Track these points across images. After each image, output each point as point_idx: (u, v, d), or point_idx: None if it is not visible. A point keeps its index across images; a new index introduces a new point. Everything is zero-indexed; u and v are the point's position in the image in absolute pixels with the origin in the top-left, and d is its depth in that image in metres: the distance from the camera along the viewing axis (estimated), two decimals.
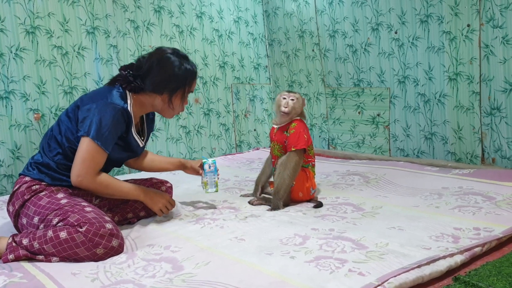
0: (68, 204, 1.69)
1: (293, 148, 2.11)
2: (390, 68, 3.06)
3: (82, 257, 1.58)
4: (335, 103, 3.48)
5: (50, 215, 1.66)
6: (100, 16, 2.99)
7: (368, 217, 1.92)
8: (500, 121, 2.56)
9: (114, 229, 1.63)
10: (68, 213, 1.63)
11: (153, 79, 1.84)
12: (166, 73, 1.84)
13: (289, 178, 2.09)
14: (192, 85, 1.92)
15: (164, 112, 1.92)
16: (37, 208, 1.71)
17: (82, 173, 1.73)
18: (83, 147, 1.73)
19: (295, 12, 3.65)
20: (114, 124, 1.75)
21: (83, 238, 1.57)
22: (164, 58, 1.85)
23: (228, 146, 3.70)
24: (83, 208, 1.66)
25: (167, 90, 1.85)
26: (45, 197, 1.74)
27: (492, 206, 1.94)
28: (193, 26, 3.47)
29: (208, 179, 2.08)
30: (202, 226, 1.90)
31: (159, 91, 1.86)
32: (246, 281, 1.37)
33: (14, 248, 1.62)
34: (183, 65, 1.87)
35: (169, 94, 1.86)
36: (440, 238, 1.62)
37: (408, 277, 1.32)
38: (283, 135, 2.18)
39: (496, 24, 2.50)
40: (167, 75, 1.84)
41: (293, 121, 2.18)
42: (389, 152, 3.16)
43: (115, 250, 1.62)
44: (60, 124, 1.84)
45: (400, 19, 2.94)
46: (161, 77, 1.84)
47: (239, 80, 3.76)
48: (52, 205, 1.70)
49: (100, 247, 1.58)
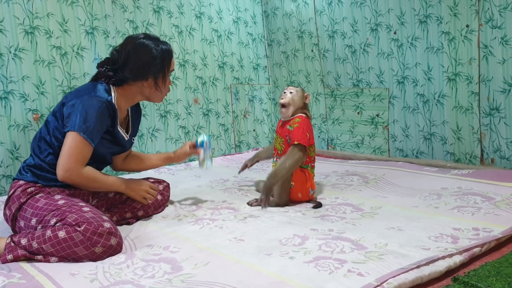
0: (65, 204, 1.69)
1: (296, 142, 2.09)
2: (389, 68, 3.06)
3: (80, 256, 1.58)
4: (334, 104, 3.48)
5: (48, 216, 1.66)
6: (99, 16, 2.99)
7: (367, 218, 1.92)
8: (499, 121, 2.56)
9: (112, 227, 1.63)
10: (66, 213, 1.63)
11: (133, 67, 1.85)
12: (146, 57, 1.85)
13: (289, 166, 2.06)
14: (171, 64, 1.94)
15: (153, 97, 1.94)
16: (34, 209, 1.71)
17: (69, 167, 1.72)
18: (69, 141, 1.73)
19: (294, 12, 3.65)
20: (99, 116, 1.76)
21: (82, 237, 1.57)
22: (139, 44, 1.86)
23: (227, 147, 3.70)
24: (81, 208, 1.66)
25: (150, 74, 1.86)
26: (42, 198, 1.74)
27: (491, 206, 1.94)
28: (192, 27, 3.47)
29: (205, 156, 2.12)
30: (201, 226, 1.90)
31: (143, 77, 1.87)
32: (245, 281, 1.37)
33: (13, 248, 1.62)
34: (159, 46, 1.88)
35: (153, 77, 1.88)
36: (439, 238, 1.62)
37: (407, 277, 1.32)
38: (286, 129, 2.18)
39: (495, 25, 2.50)
40: (147, 60, 1.85)
41: (297, 117, 2.18)
42: (388, 153, 3.16)
43: (114, 249, 1.62)
44: (47, 125, 1.84)
45: (399, 19, 2.94)
46: (141, 63, 1.84)
47: (238, 80, 3.76)
48: (49, 206, 1.69)
49: (98, 245, 1.58)
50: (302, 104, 2.22)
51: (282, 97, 2.20)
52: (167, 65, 1.91)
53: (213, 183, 2.69)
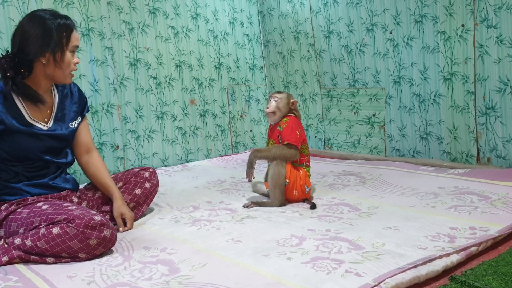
0: (50, 208, 1.67)
1: (286, 142, 2.13)
2: (385, 68, 3.06)
3: (76, 250, 1.56)
4: (330, 104, 3.49)
5: (36, 222, 1.63)
6: (94, 18, 2.98)
7: (364, 218, 1.92)
8: (495, 120, 2.57)
9: (104, 219, 1.61)
10: (53, 216, 1.61)
11: (31, 43, 1.71)
12: (40, 30, 1.71)
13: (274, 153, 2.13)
14: (72, 38, 1.77)
15: (57, 76, 1.79)
16: (19, 221, 1.68)
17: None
18: None
19: (290, 13, 3.65)
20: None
21: (75, 230, 1.55)
22: (33, 17, 1.74)
23: (224, 147, 3.69)
24: (67, 208, 1.65)
25: (47, 48, 1.72)
26: (24, 209, 1.71)
27: (488, 205, 1.94)
28: (188, 28, 3.46)
29: None
30: (199, 228, 1.90)
31: (41, 54, 1.72)
32: (243, 282, 1.37)
33: (7, 250, 1.61)
34: (56, 20, 1.74)
35: (51, 52, 1.73)
36: (436, 238, 1.63)
37: (405, 277, 1.32)
38: (277, 130, 2.22)
39: (490, 24, 2.51)
40: (41, 32, 1.71)
41: (285, 117, 2.23)
42: (384, 152, 3.17)
43: (108, 240, 1.61)
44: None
45: (395, 19, 2.95)
46: (37, 37, 1.70)
47: (234, 81, 3.75)
48: (34, 214, 1.67)
49: (92, 237, 1.57)
50: (288, 110, 2.25)
51: (267, 105, 2.25)
52: (66, 39, 1.75)
53: (210, 184, 2.68)
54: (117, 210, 1.92)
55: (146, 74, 3.24)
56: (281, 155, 2.13)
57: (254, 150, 2.18)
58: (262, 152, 2.17)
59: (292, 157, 2.15)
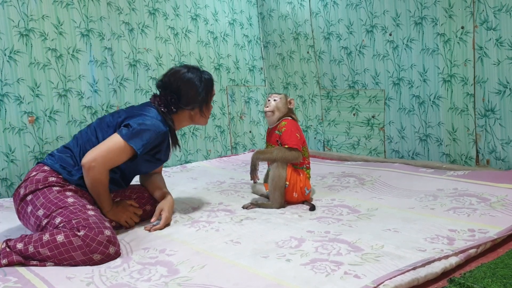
0: (73, 204, 1.71)
1: (286, 146, 2.13)
2: (385, 70, 3.07)
3: (77, 261, 1.58)
4: (330, 105, 3.49)
5: (55, 212, 1.68)
6: (94, 18, 2.98)
7: (363, 219, 1.92)
8: (494, 122, 2.57)
9: (112, 236, 1.64)
10: (71, 215, 1.65)
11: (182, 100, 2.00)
12: (193, 91, 2.00)
13: (276, 155, 2.13)
14: (213, 91, 2.10)
15: (199, 122, 2.10)
16: (45, 200, 1.73)
17: (99, 161, 1.78)
18: (113, 139, 1.82)
19: (289, 14, 3.65)
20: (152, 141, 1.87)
21: (81, 242, 1.57)
22: (186, 80, 2.00)
23: (223, 148, 3.69)
24: (87, 211, 1.68)
25: (197, 104, 2.02)
26: (55, 191, 1.77)
27: (487, 207, 1.95)
28: (188, 29, 3.47)
29: None
30: (198, 229, 1.90)
31: (191, 108, 2.02)
32: (242, 284, 1.37)
33: (8, 254, 1.61)
34: (202, 77, 2.03)
35: (199, 107, 2.03)
36: (435, 240, 1.63)
37: (404, 279, 1.32)
38: (275, 134, 2.22)
39: (489, 26, 2.51)
40: (194, 93, 2.00)
41: (283, 120, 2.22)
42: (384, 154, 3.17)
43: (111, 257, 1.62)
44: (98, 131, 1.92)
45: (395, 21, 2.95)
46: (189, 96, 2.00)
47: (234, 82, 3.75)
48: (59, 202, 1.72)
49: (97, 253, 1.58)
50: (287, 109, 2.26)
51: (267, 105, 2.25)
52: (209, 94, 2.07)
53: (210, 185, 2.68)
54: (162, 204, 2.01)
55: (146, 75, 3.24)
56: (283, 157, 2.13)
57: (256, 152, 2.20)
58: (265, 154, 2.18)
59: (294, 159, 2.15)
